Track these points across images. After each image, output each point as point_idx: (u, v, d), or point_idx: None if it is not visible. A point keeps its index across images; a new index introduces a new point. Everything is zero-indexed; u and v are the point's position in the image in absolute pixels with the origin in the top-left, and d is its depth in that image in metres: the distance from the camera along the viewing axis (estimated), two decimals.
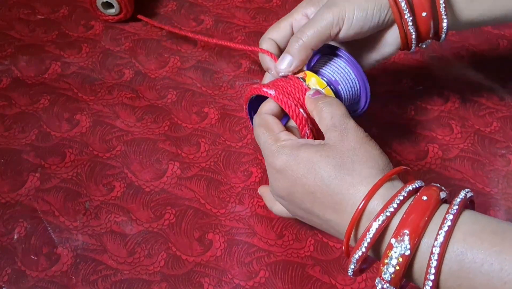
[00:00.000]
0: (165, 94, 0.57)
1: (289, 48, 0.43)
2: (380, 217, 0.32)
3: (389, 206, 0.32)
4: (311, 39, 0.42)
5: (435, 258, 0.30)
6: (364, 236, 0.32)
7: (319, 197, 0.35)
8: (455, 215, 0.31)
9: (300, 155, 0.36)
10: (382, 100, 0.57)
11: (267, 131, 0.39)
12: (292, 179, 0.36)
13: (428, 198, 0.32)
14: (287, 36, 0.45)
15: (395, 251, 0.31)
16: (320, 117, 0.38)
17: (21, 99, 0.56)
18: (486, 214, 0.49)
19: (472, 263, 0.29)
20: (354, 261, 0.33)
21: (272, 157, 0.38)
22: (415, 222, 0.31)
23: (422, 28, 0.43)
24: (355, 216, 0.33)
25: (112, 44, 0.62)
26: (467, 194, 0.33)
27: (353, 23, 0.41)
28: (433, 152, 0.53)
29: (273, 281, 0.45)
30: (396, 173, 0.34)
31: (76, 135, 0.54)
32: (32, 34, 0.63)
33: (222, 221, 0.48)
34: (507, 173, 0.52)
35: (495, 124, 0.55)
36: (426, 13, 0.42)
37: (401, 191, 0.33)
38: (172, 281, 0.45)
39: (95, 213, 0.48)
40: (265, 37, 0.46)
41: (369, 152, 0.35)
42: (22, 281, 0.44)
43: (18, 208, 0.48)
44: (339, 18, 0.41)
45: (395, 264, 0.31)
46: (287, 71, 0.43)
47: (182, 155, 0.52)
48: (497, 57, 0.62)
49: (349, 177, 0.34)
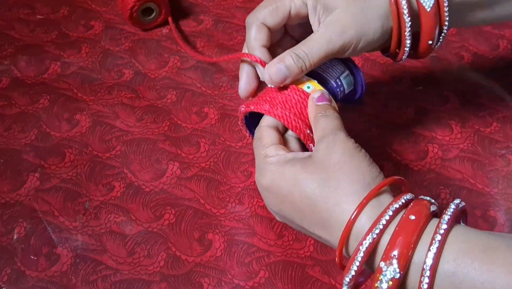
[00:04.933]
0: (165, 94, 0.57)
1: (288, 65, 0.39)
2: (366, 240, 0.31)
3: (375, 226, 0.31)
4: (314, 65, 0.40)
5: (426, 281, 0.29)
6: (352, 260, 0.32)
7: (307, 214, 0.35)
8: (443, 235, 0.30)
9: (285, 172, 0.36)
10: (382, 100, 0.57)
11: (258, 146, 0.39)
12: (280, 196, 0.36)
13: (417, 216, 0.31)
14: (281, 22, 0.41)
15: (384, 274, 0.30)
16: (315, 129, 0.38)
17: (21, 99, 0.56)
18: (486, 214, 0.49)
19: (463, 283, 0.29)
20: (345, 283, 0.32)
21: (259, 174, 0.37)
22: (403, 243, 0.30)
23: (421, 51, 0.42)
24: (342, 236, 0.33)
25: (112, 44, 0.62)
26: (459, 205, 0.32)
27: (356, 51, 0.40)
28: (433, 152, 0.53)
29: (273, 281, 0.45)
30: (384, 186, 0.34)
31: (76, 135, 0.54)
32: (32, 34, 0.63)
33: (222, 221, 0.48)
34: (507, 173, 0.51)
35: (495, 124, 0.55)
36: (432, 41, 0.40)
37: (386, 210, 0.32)
38: (172, 281, 0.45)
39: (94, 213, 0.48)
40: (257, 19, 0.41)
41: (356, 165, 0.35)
42: (21, 281, 0.44)
43: (17, 208, 0.48)
44: (345, 48, 0.40)
45: (386, 287, 0.30)
46: (278, 85, 0.40)
47: (182, 155, 0.52)
48: (497, 57, 0.62)
49: (334, 194, 0.34)
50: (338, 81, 0.43)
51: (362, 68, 0.60)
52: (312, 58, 0.39)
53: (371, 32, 0.39)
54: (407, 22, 0.39)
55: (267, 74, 0.40)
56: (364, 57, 0.61)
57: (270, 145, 0.38)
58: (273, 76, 0.40)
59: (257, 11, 0.41)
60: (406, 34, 0.40)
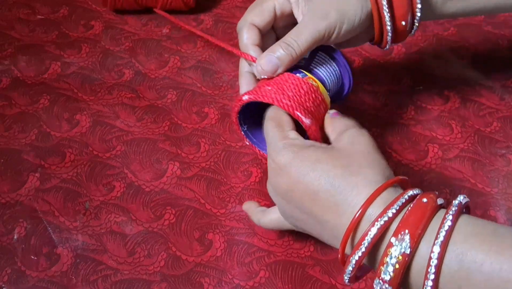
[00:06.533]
0: (165, 94, 0.57)
1: (278, 54, 0.41)
2: (380, 219, 0.32)
3: (390, 208, 0.32)
4: (303, 51, 0.41)
5: (436, 257, 0.30)
6: (363, 239, 0.32)
7: (320, 196, 0.35)
8: (454, 215, 0.31)
9: (307, 153, 0.36)
10: (382, 100, 0.57)
11: (276, 127, 0.39)
12: (295, 176, 0.36)
13: (428, 200, 0.32)
14: (270, 21, 0.44)
15: (395, 249, 0.31)
16: (334, 127, 0.39)
17: (21, 99, 0.56)
18: (486, 214, 0.49)
19: (472, 263, 0.29)
20: (352, 262, 0.32)
21: (276, 153, 0.37)
22: (415, 222, 0.31)
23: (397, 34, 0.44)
24: (355, 218, 0.33)
25: (112, 44, 0.62)
26: (464, 199, 0.33)
27: (341, 35, 0.42)
28: (433, 152, 0.53)
29: (273, 281, 0.45)
30: (398, 181, 0.35)
31: (76, 135, 0.54)
32: (32, 34, 0.63)
33: (222, 221, 0.48)
34: (507, 173, 0.51)
35: (495, 124, 0.55)
36: (405, 22, 0.43)
37: (403, 194, 0.33)
38: (172, 281, 0.45)
39: (95, 213, 0.48)
40: (246, 22, 0.44)
41: (377, 160, 0.36)
42: (22, 281, 0.44)
43: (18, 208, 0.48)
44: (330, 31, 0.42)
45: (395, 262, 0.31)
46: (271, 75, 0.42)
47: (182, 155, 0.52)
48: (497, 57, 0.62)
49: (354, 177, 0.34)
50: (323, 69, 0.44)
51: (362, 68, 0.60)
52: (301, 44, 0.41)
53: (352, 12, 0.42)
54: (384, 2, 0.41)
55: (258, 66, 0.41)
56: (364, 56, 0.61)
57: (290, 130, 0.39)
58: (264, 66, 0.41)
59: (245, 15, 0.44)
60: (385, 13, 0.42)
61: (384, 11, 0.42)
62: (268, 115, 0.41)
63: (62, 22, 0.64)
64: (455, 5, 0.45)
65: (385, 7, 0.41)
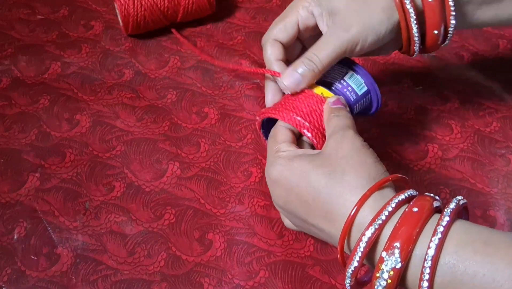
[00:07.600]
0: (165, 94, 0.57)
1: (301, 71, 0.41)
2: (369, 230, 0.32)
3: (378, 218, 0.32)
4: (325, 66, 0.41)
5: (427, 271, 0.30)
6: (355, 250, 0.32)
7: (311, 206, 0.35)
8: (445, 226, 0.30)
9: (293, 165, 0.37)
10: (382, 100, 0.57)
11: (272, 142, 0.40)
12: (287, 188, 0.37)
13: (419, 209, 0.31)
14: (293, 37, 0.44)
15: (386, 264, 0.31)
16: (327, 127, 0.39)
17: (21, 99, 0.56)
18: (486, 214, 0.49)
19: (464, 275, 0.29)
20: (348, 275, 0.33)
21: (269, 167, 0.39)
22: (405, 234, 0.31)
23: (429, 44, 0.43)
24: (345, 227, 0.33)
25: (112, 44, 0.62)
26: (460, 202, 0.32)
27: (366, 47, 0.41)
28: (433, 152, 0.53)
29: (273, 281, 0.45)
30: (387, 181, 0.34)
31: (76, 135, 0.54)
32: (32, 34, 0.63)
33: (222, 221, 0.48)
34: (507, 173, 0.52)
35: (495, 124, 0.55)
36: (437, 31, 0.41)
37: (389, 202, 0.32)
38: (172, 281, 0.45)
39: (95, 213, 0.48)
40: (269, 38, 0.44)
41: (362, 160, 0.35)
42: (22, 281, 0.44)
43: (18, 208, 0.48)
44: (352, 44, 0.41)
45: (387, 277, 0.31)
46: (294, 91, 0.42)
47: (182, 155, 0.52)
48: (497, 57, 0.62)
49: (338, 186, 0.34)
50: (343, 82, 0.44)
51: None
52: (323, 58, 0.41)
53: (377, 24, 0.40)
54: (411, 12, 0.40)
55: (281, 82, 0.42)
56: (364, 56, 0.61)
57: (283, 142, 0.39)
58: (287, 82, 0.41)
59: (269, 31, 0.44)
60: (412, 24, 0.40)
61: (411, 23, 0.40)
62: (270, 133, 0.42)
63: (62, 22, 0.64)
64: (486, 13, 0.43)
65: (413, 18, 0.40)
